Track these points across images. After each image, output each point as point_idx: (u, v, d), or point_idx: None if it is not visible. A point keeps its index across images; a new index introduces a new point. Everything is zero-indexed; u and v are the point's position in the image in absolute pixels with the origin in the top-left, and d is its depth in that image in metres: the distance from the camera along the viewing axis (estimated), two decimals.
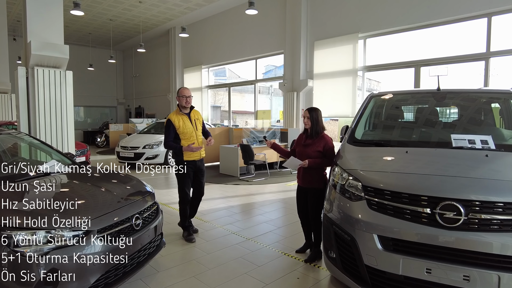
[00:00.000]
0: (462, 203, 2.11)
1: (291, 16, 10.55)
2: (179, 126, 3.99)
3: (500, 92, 3.58)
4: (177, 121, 4.01)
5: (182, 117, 4.05)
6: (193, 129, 4.06)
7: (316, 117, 3.43)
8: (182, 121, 4.02)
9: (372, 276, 2.37)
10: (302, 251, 3.73)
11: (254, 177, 8.31)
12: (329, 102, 9.87)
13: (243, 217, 5.30)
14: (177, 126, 3.99)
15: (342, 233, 2.52)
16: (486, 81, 7.17)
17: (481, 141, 2.69)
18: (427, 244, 2.17)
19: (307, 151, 3.42)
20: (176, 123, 4.00)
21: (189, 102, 4.05)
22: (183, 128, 4.00)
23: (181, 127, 4.00)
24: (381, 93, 3.88)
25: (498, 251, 2.03)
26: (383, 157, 2.79)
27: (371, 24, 8.87)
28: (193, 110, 4.18)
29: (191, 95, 4.11)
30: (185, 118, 4.05)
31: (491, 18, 7.13)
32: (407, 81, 9.85)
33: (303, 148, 3.46)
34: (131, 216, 2.75)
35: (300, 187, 3.59)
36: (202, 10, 13.23)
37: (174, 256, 3.70)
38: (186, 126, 4.02)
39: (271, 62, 13.37)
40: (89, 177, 3.29)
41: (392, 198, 2.33)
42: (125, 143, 9.87)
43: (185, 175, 4.08)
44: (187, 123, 4.04)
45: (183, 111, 4.09)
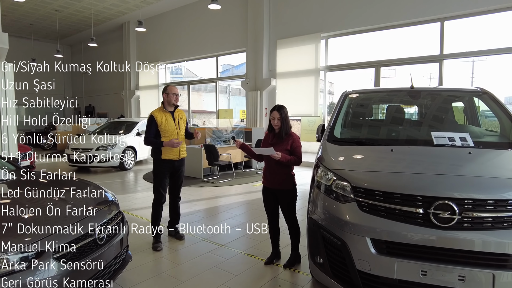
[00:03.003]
0: (456, 202, 2.06)
1: (253, 13, 10.40)
2: (161, 123, 3.87)
3: (467, 91, 3.68)
4: (160, 117, 3.88)
5: (165, 114, 3.93)
6: (175, 128, 3.94)
7: (285, 116, 3.24)
8: (165, 118, 3.90)
9: (364, 282, 2.24)
10: (270, 262, 3.42)
11: (219, 179, 8.03)
12: (292, 101, 9.85)
13: (212, 222, 5.01)
14: (159, 123, 3.86)
15: (332, 238, 2.37)
16: (440, 82, 7.57)
17: (460, 139, 2.70)
18: (422, 246, 2.09)
19: (276, 149, 3.23)
20: (158, 119, 3.87)
21: (177, 100, 3.96)
22: (165, 126, 3.88)
23: (163, 124, 3.88)
24: (355, 91, 3.82)
25: (492, 249, 2.00)
26: (368, 156, 2.70)
27: (333, 24, 9.00)
28: (178, 109, 4.06)
29: (180, 94, 4.04)
30: (169, 116, 3.94)
31: (443, 23, 7.54)
32: (362, 82, 10.19)
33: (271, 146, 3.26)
34: (93, 230, 2.37)
35: (268, 189, 3.36)
36: (159, 4, 12.61)
37: (141, 270, 3.33)
38: (169, 123, 3.91)
39: (228, 61, 13.12)
40: (39, 184, 2.82)
41: (384, 199, 2.22)
42: (76, 145, 9.05)
43: (161, 175, 3.94)
44: (170, 120, 3.92)
45: (167, 108, 3.97)
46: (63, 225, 2.21)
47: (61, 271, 2.04)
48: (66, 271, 2.05)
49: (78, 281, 2.09)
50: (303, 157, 3.33)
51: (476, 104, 3.79)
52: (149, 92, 14.95)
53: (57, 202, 2.51)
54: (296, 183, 3.34)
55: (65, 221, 2.27)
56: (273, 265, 3.41)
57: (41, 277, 1.95)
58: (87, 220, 2.38)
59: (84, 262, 2.19)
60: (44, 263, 1.97)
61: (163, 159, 3.91)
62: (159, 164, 3.95)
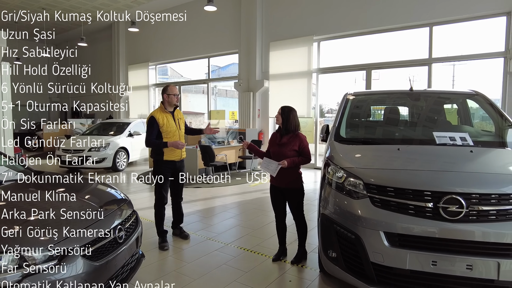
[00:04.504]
0: (463, 196, 2.22)
1: (246, 15, 10.49)
2: (163, 124, 3.83)
3: (462, 93, 3.88)
4: (161, 118, 3.84)
5: (166, 115, 3.90)
6: (176, 128, 3.92)
7: (287, 114, 3.37)
8: (166, 119, 3.87)
9: (378, 273, 2.37)
10: (277, 258, 3.53)
11: (215, 179, 8.07)
12: (285, 102, 9.84)
13: (214, 221, 5.07)
14: (161, 124, 3.83)
15: (346, 232, 2.49)
16: (429, 85, 7.85)
17: (460, 138, 2.88)
18: (432, 238, 2.23)
19: (284, 150, 3.33)
20: (160, 120, 3.83)
21: (178, 100, 3.94)
22: (167, 127, 3.85)
23: (165, 125, 3.84)
24: (357, 92, 3.97)
25: (496, 240, 2.16)
26: (377, 154, 2.83)
27: (325, 27, 9.19)
28: (177, 109, 4.02)
29: (179, 94, 4.02)
30: (169, 117, 3.91)
31: (432, 28, 7.83)
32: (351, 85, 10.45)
33: (279, 147, 3.37)
34: (114, 228, 2.42)
35: (276, 188, 3.46)
36: (150, 4, 12.53)
37: (151, 269, 3.36)
38: (170, 124, 3.88)
39: (214, 63, 13.14)
40: (53, 185, 2.83)
41: (396, 194, 2.36)
42: (68, 146, 8.91)
43: (163, 176, 3.91)
44: (171, 121, 3.90)
45: (168, 109, 3.93)
46: (87, 224, 2.24)
47: (86, 267, 2.07)
48: (90, 267, 2.09)
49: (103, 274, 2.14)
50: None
51: (468, 106, 4.02)
52: (138, 93, 14.81)
53: (77, 202, 2.52)
54: (303, 181, 3.46)
55: (88, 220, 2.30)
56: (280, 262, 3.50)
57: (67, 276, 1.98)
58: (108, 219, 2.42)
59: (108, 260, 2.23)
60: (71, 261, 2.01)
61: (165, 160, 3.86)
62: (161, 165, 3.89)
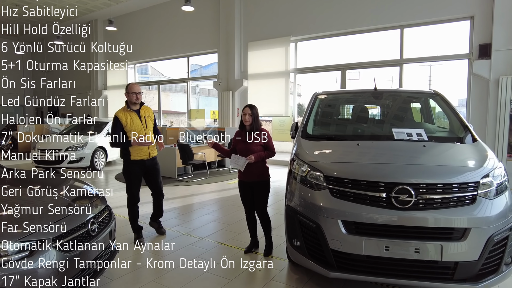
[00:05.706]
0: (413, 186, 2.43)
1: (225, 15, 10.61)
2: (126, 123, 3.78)
3: (423, 93, 4.14)
4: (124, 117, 3.79)
5: (130, 113, 3.84)
6: (142, 127, 3.85)
7: (256, 114, 3.52)
8: (130, 117, 3.81)
9: (337, 259, 2.55)
10: (249, 250, 3.69)
11: (193, 178, 8.15)
12: (263, 102, 10.16)
13: (190, 218, 5.17)
14: (124, 123, 3.77)
15: (308, 221, 2.66)
16: (400, 85, 8.20)
17: (417, 134, 3.11)
18: (385, 225, 2.43)
19: (250, 146, 3.47)
20: (123, 120, 3.78)
21: (138, 98, 3.85)
22: (130, 126, 3.79)
23: (128, 124, 3.78)
24: (325, 92, 4.17)
25: (441, 225, 2.39)
26: (338, 149, 3.03)
27: (302, 28, 9.42)
28: (143, 106, 3.96)
29: (141, 92, 3.90)
30: (134, 115, 3.84)
31: (403, 30, 8.18)
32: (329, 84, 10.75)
33: (245, 144, 3.50)
34: (87, 221, 2.50)
35: (244, 182, 3.59)
36: (129, 3, 12.44)
37: (126, 263, 3.43)
38: (135, 123, 3.81)
39: (196, 61, 13.21)
40: (23, 181, 2.88)
41: (352, 185, 2.55)
42: (44, 145, 8.77)
43: (131, 175, 3.90)
44: (136, 120, 3.83)
45: (131, 107, 3.87)
46: (59, 217, 2.32)
47: (59, 257, 2.16)
48: (63, 257, 2.18)
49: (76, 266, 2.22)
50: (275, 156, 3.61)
51: (431, 105, 4.28)
52: (117, 92, 14.65)
53: (50, 196, 2.59)
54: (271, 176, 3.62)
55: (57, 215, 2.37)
56: (252, 253, 3.66)
57: (39, 266, 2.07)
58: (80, 213, 2.50)
59: (80, 251, 2.32)
60: (44, 252, 2.09)
61: (133, 159, 3.82)
62: (129, 165, 3.86)
